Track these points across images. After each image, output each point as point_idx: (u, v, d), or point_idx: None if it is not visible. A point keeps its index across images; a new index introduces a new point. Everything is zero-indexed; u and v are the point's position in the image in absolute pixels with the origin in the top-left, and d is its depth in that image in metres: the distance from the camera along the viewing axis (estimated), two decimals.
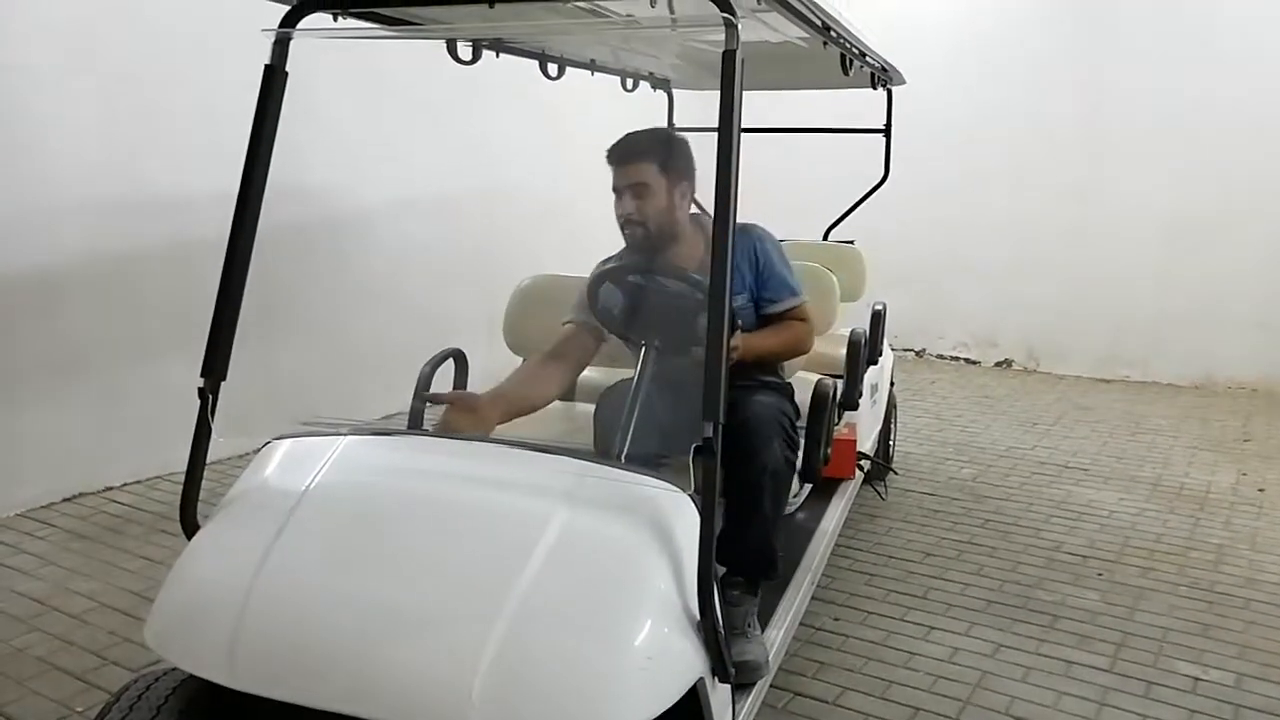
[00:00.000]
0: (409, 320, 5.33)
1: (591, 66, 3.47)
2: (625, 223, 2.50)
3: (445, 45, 2.60)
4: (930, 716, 2.61)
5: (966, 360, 7.35)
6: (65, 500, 4.03)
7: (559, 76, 3.21)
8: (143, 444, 4.30)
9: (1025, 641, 3.02)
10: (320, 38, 2.09)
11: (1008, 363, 7.23)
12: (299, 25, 2.05)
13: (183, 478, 2.09)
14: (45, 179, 3.88)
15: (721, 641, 1.73)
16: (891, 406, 4.50)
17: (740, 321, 2.54)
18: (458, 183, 5.70)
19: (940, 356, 7.39)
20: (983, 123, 6.92)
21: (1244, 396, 6.33)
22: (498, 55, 2.82)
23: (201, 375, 2.03)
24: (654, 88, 4.09)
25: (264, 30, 2.05)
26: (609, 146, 2.53)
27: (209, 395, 2.05)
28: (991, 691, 2.74)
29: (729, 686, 1.89)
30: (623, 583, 1.69)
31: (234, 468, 4.44)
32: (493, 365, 3.25)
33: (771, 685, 2.70)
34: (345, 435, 2.04)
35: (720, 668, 1.75)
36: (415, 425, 2.65)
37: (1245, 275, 6.37)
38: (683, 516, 1.76)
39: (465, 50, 2.62)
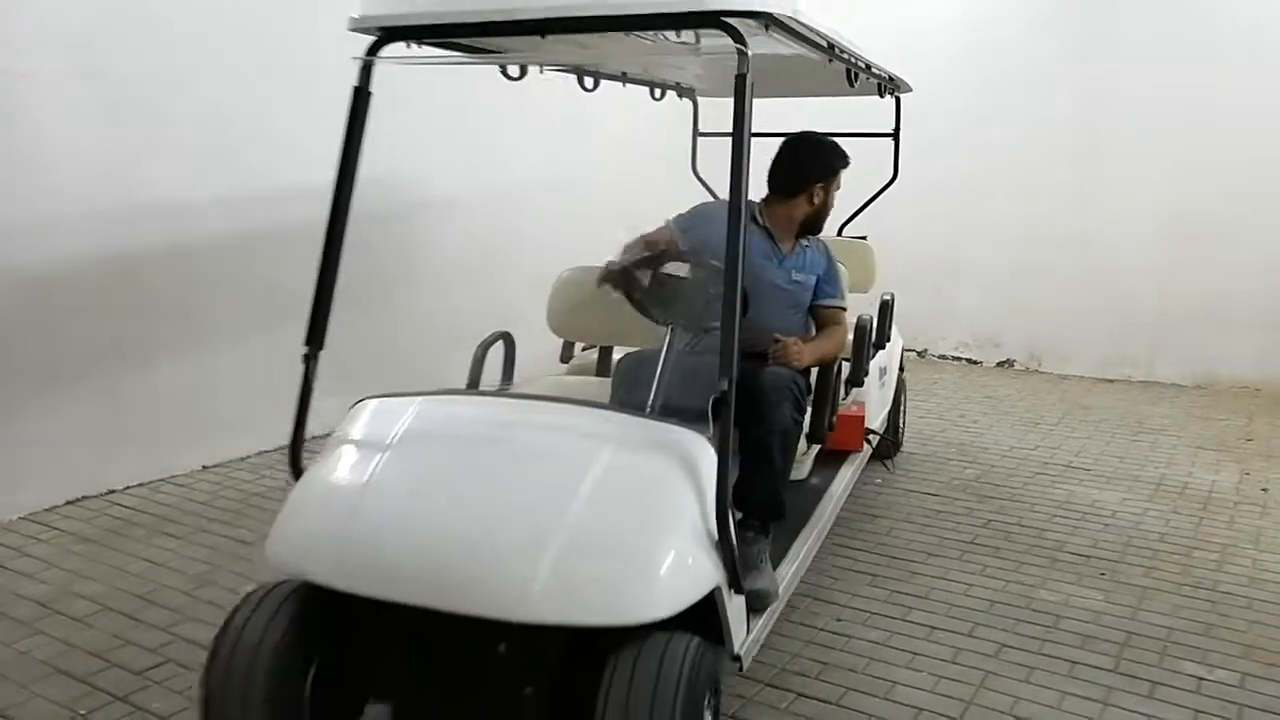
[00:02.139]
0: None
1: (624, 79, 3.87)
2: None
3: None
4: (933, 717, 2.61)
5: (969, 360, 7.35)
6: (68, 503, 4.03)
7: (594, 88, 3.74)
8: (145, 447, 4.30)
9: (1028, 642, 3.01)
10: (398, 63, 2.51)
11: (1010, 363, 7.22)
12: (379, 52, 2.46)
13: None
14: (47, 184, 3.89)
15: (735, 559, 2.14)
16: (901, 390, 4.73)
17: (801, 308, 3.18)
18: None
19: (942, 357, 7.39)
20: (984, 124, 6.92)
21: (1247, 396, 6.32)
22: (541, 71, 3.23)
23: (305, 344, 2.47)
24: (680, 96, 4.46)
25: (354, 58, 2.49)
26: (844, 155, 3.29)
27: (311, 360, 2.48)
28: (994, 692, 2.73)
29: (744, 601, 2.33)
30: (656, 504, 2.10)
31: (238, 469, 4.45)
32: (538, 346, 3.55)
33: (773, 685, 2.72)
34: (421, 395, 2.44)
35: (735, 581, 2.17)
36: None
37: (1248, 274, 6.35)
38: (704, 456, 2.15)
39: (514, 69, 2.96)
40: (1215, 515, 4.14)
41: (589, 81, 3.67)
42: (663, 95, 4.25)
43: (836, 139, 3.36)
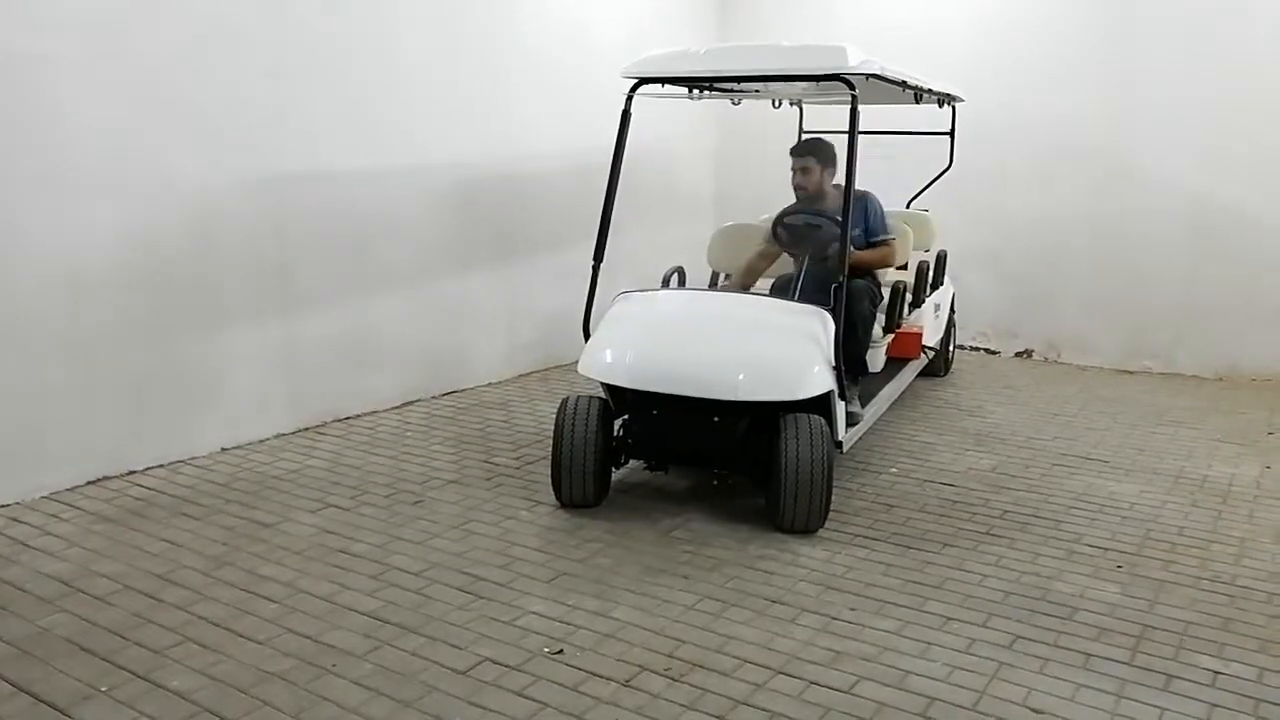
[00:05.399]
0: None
1: (758, 96, 5.35)
2: (796, 188, 4.68)
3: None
4: (946, 707, 2.60)
5: (986, 350, 7.30)
6: (89, 484, 4.08)
7: (739, 104, 5.43)
8: (166, 429, 4.35)
9: (1043, 633, 3.00)
10: (649, 96, 4.29)
11: (1028, 353, 7.17)
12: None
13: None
14: (71, 168, 3.92)
15: (842, 378, 3.82)
16: (951, 325, 6.38)
17: (854, 245, 4.38)
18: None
19: (960, 346, 7.32)
20: (1005, 113, 6.83)
21: (1269, 388, 6.24)
22: (708, 91, 4.95)
23: (593, 259, 4.19)
24: (791, 104, 6.10)
25: (623, 93, 4.17)
26: (792, 146, 4.79)
27: (595, 269, 4.20)
28: (1008, 683, 2.72)
29: (844, 406, 3.92)
30: (804, 342, 3.79)
31: (256, 450, 4.48)
32: (700, 276, 5.33)
33: (786, 674, 2.74)
34: (658, 290, 4.47)
35: (841, 392, 3.83)
36: None
37: (1271, 265, 6.26)
38: (827, 321, 3.83)
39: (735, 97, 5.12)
40: (1235, 509, 4.11)
41: (737, 99, 5.29)
42: (780, 105, 5.65)
43: (905, 135, 5.33)
